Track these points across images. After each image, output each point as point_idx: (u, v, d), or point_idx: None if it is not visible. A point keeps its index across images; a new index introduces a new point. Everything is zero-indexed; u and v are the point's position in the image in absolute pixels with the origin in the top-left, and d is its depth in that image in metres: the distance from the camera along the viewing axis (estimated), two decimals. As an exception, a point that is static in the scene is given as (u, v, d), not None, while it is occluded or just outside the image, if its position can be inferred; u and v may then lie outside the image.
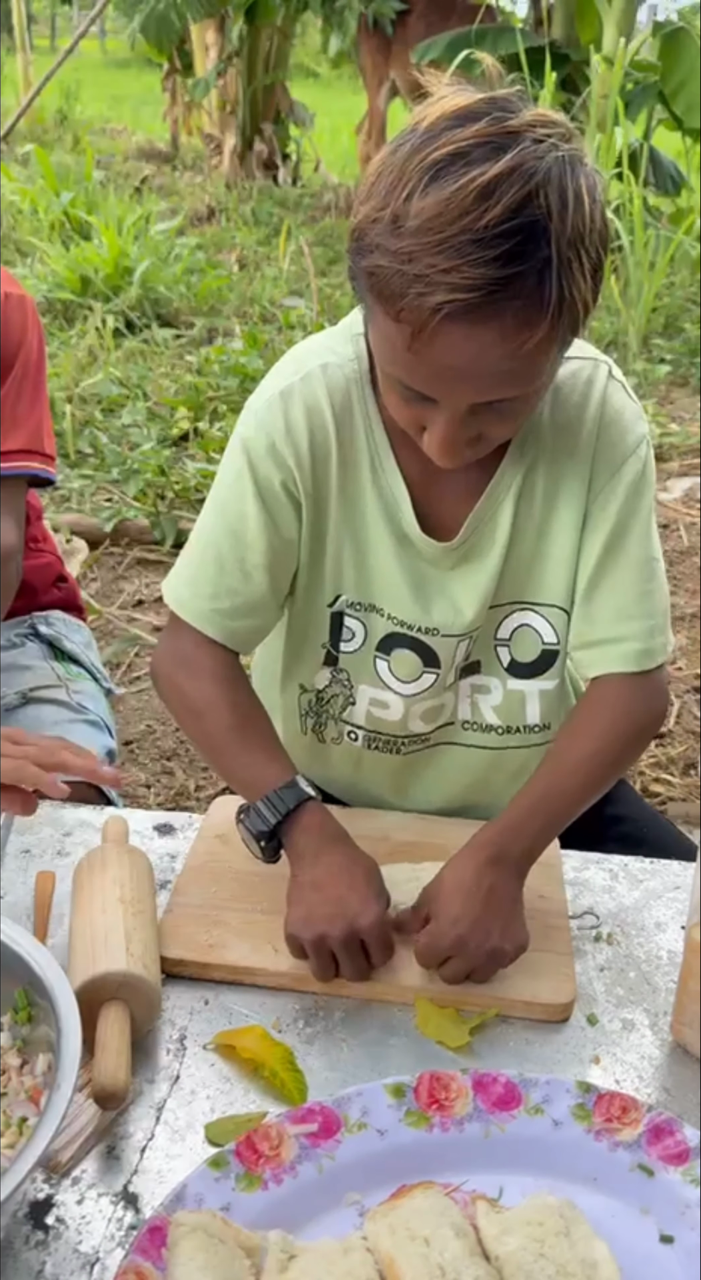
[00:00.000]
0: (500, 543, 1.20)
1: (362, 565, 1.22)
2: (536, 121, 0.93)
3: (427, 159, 0.91)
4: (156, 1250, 0.79)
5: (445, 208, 0.89)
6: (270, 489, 1.17)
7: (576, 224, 0.92)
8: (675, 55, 6.68)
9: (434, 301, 0.91)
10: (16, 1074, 0.89)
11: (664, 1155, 0.89)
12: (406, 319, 0.94)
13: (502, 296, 0.91)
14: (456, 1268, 0.78)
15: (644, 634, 1.20)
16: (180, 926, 1.11)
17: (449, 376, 0.97)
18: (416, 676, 1.25)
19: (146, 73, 15.46)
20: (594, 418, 1.17)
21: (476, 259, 0.89)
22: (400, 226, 0.91)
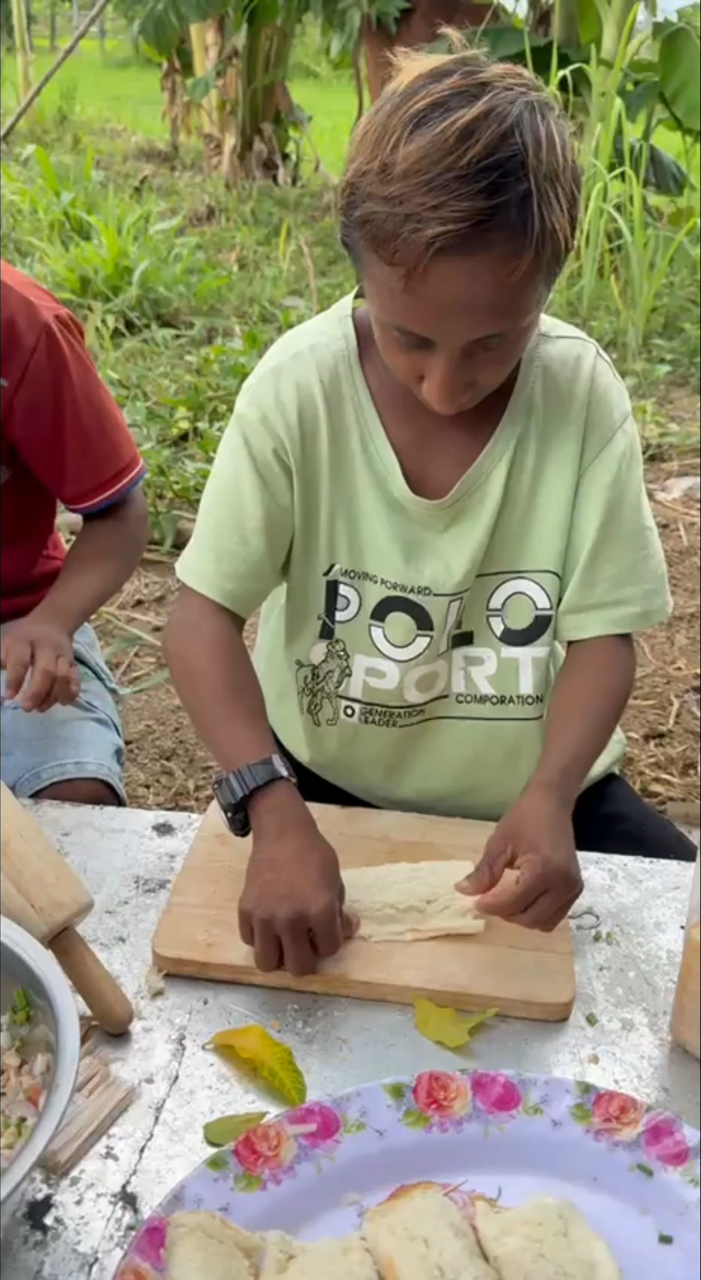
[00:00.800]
0: (490, 507, 1.24)
1: (355, 533, 1.27)
2: (505, 74, 1.01)
3: (409, 111, 0.99)
4: (155, 1251, 0.79)
5: (429, 149, 0.97)
6: (263, 458, 1.24)
7: (550, 161, 0.99)
8: (675, 56, 6.68)
9: (426, 236, 0.97)
10: (15, 1074, 0.89)
11: (663, 1155, 0.89)
12: (401, 259, 1.00)
13: (489, 226, 0.98)
14: (455, 1268, 0.78)
15: (641, 597, 1.28)
16: (179, 926, 1.11)
17: (444, 313, 1.03)
18: (410, 640, 1.28)
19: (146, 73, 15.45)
20: (584, 392, 1.23)
21: (462, 193, 0.96)
22: (389, 173, 0.99)
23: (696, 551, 3.78)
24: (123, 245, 6.24)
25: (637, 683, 3.05)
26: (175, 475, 4.04)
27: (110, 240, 6.23)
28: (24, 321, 1.48)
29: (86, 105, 13.59)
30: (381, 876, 1.17)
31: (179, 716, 2.88)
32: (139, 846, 1.25)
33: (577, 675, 1.28)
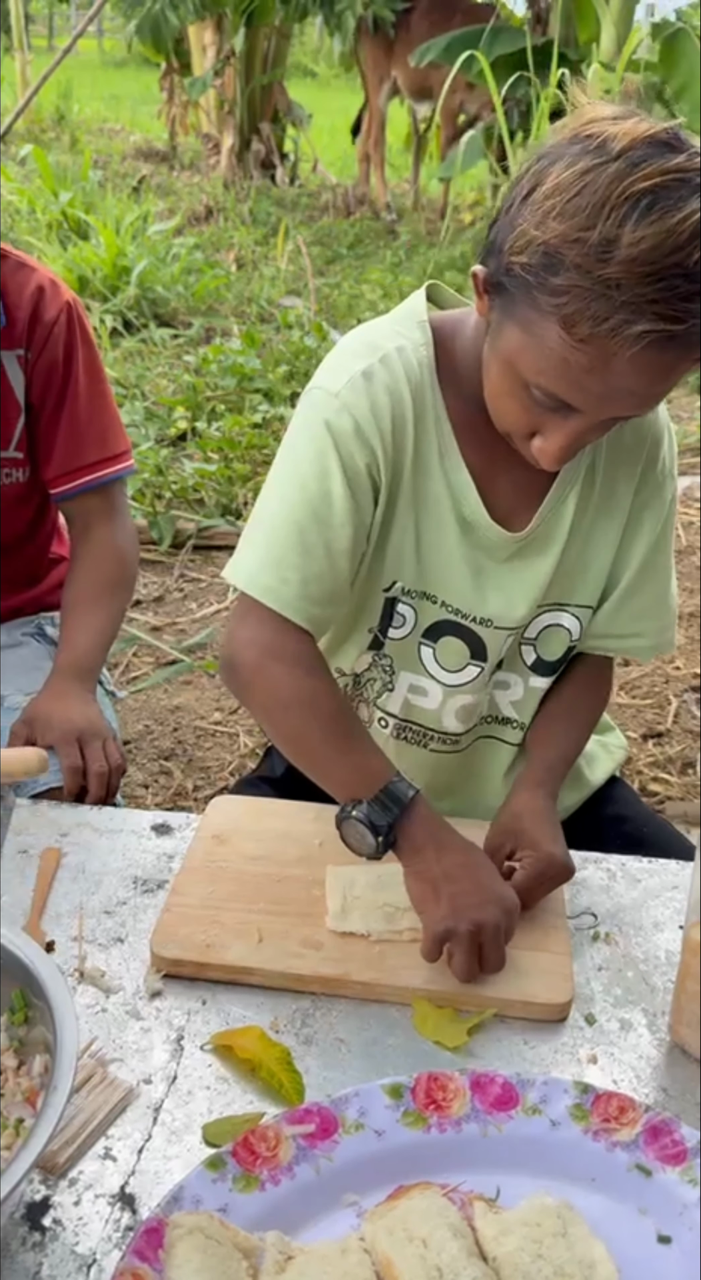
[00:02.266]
0: (558, 542, 1.24)
1: (423, 552, 1.23)
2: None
3: (635, 188, 0.93)
4: (153, 1251, 0.79)
5: (661, 241, 0.92)
6: (355, 471, 1.15)
7: None
8: (675, 57, 6.67)
9: (637, 330, 0.94)
10: (13, 1075, 0.89)
11: (661, 1155, 0.89)
12: (599, 342, 0.96)
13: (694, 327, 0.96)
14: (454, 1268, 0.78)
15: (656, 631, 1.32)
16: (178, 926, 1.11)
17: (613, 395, 1.01)
18: (462, 666, 1.28)
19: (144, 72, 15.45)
20: (645, 432, 1.24)
21: (683, 293, 0.93)
22: (609, 254, 0.93)
23: (694, 551, 3.79)
24: (121, 245, 6.24)
25: (636, 682, 3.05)
26: (173, 475, 4.03)
27: (108, 240, 6.23)
28: (50, 294, 1.55)
29: (84, 105, 13.59)
30: (383, 874, 1.17)
31: (177, 717, 2.88)
32: (137, 847, 1.25)
33: (570, 686, 1.34)
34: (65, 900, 1.17)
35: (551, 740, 1.29)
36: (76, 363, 1.58)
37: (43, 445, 1.60)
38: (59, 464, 1.60)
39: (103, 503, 1.64)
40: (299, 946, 1.10)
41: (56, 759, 1.41)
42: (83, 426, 1.59)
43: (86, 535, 1.64)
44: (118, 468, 1.64)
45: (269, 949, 1.09)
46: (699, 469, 4.40)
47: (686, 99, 6.61)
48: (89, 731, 1.43)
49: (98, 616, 1.59)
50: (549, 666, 1.31)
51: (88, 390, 1.60)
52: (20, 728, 1.45)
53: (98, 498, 1.63)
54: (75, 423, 1.59)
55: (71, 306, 1.58)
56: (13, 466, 1.60)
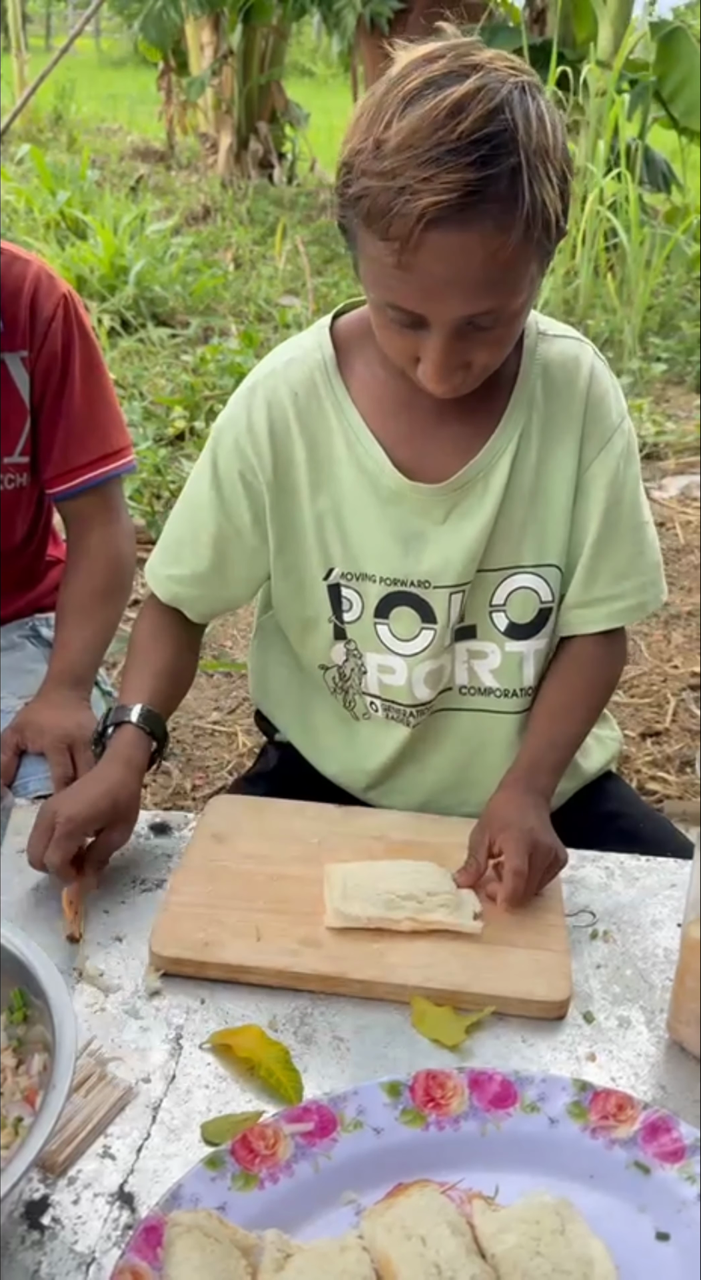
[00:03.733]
0: (493, 498, 1.25)
1: (346, 535, 1.28)
2: (495, 57, 1.04)
3: (402, 90, 1.01)
4: (152, 1250, 0.79)
5: (420, 124, 0.99)
6: (228, 477, 1.29)
7: (540, 138, 1.02)
8: (672, 55, 6.68)
9: (418, 207, 0.99)
10: (12, 1074, 0.89)
11: (660, 1153, 0.89)
12: (394, 233, 1.02)
13: (479, 199, 1.00)
14: (452, 1266, 0.78)
15: (636, 590, 1.32)
16: (176, 925, 1.11)
17: (437, 287, 1.05)
18: (415, 634, 1.30)
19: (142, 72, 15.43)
20: (583, 392, 1.26)
21: (453, 165, 0.98)
22: (382, 149, 1.01)
23: (693, 550, 3.79)
24: (118, 245, 6.24)
25: (634, 681, 3.05)
26: (171, 475, 4.03)
27: (106, 240, 6.23)
28: (46, 287, 1.53)
29: (82, 105, 13.57)
30: (385, 868, 1.18)
31: (175, 716, 2.87)
32: (136, 846, 1.25)
33: (560, 673, 1.34)
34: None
35: (536, 733, 1.31)
36: (74, 357, 1.55)
37: (42, 445, 1.58)
38: (57, 463, 1.57)
39: (100, 503, 1.61)
40: (297, 945, 1.10)
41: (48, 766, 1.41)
42: (81, 423, 1.57)
43: (83, 538, 1.62)
44: (117, 465, 1.61)
45: (267, 948, 1.09)
46: (699, 468, 4.40)
47: (682, 97, 6.62)
48: (81, 739, 1.41)
49: (92, 623, 1.57)
50: (523, 630, 1.31)
51: (85, 385, 1.57)
52: (10, 735, 1.44)
53: (95, 498, 1.60)
54: (73, 420, 1.56)
55: (68, 299, 1.55)
56: (16, 472, 1.57)
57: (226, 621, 3.31)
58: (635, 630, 3.29)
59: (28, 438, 1.56)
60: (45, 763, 1.41)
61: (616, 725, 1.54)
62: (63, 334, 1.54)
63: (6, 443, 1.54)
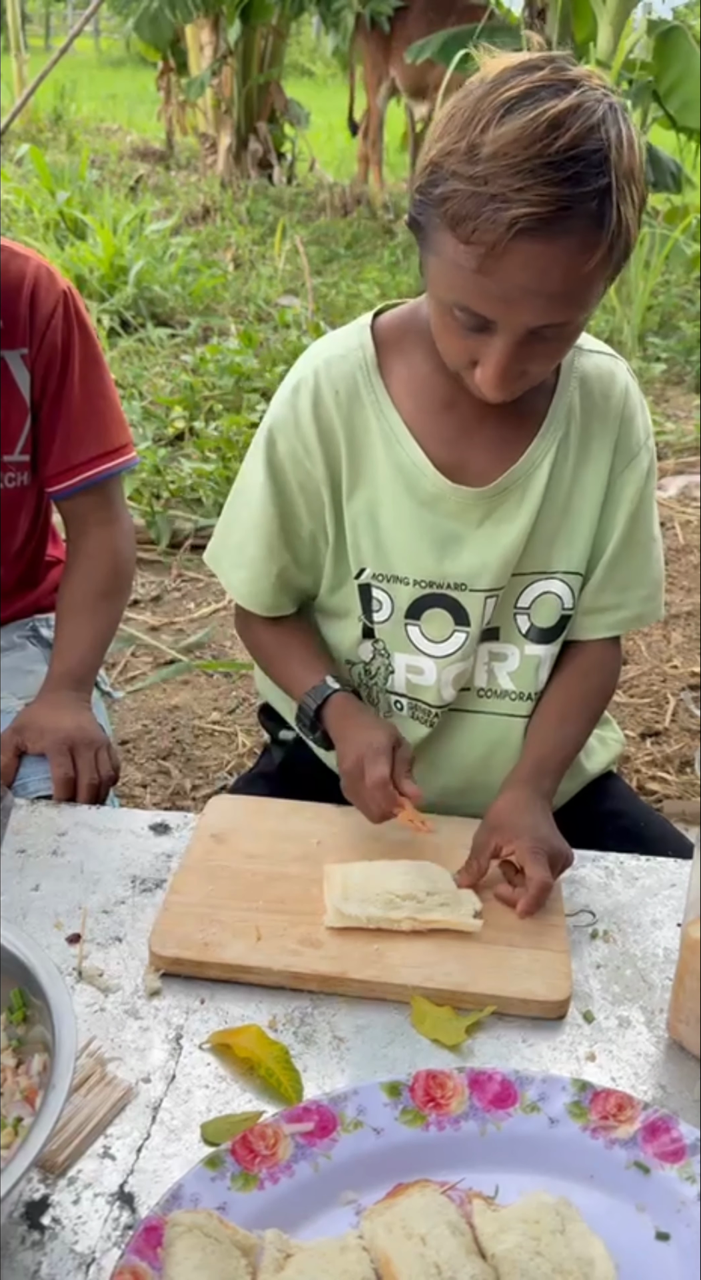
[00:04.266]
0: (531, 503, 1.27)
1: (380, 537, 1.30)
2: (590, 74, 1.06)
3: (500, 97, 1.02)
4: (152, 1250, 0.79)
5: (520, 134, 0.99)
6: (285, 483, 1.30)
7: (629, 160, 1.03)
8: (670, 54, 6.67)
9: (509, 216, 1.00)
10: (12, 1074, 0.89)
11: (660, 1152, 0.89)
12: (479, 237, 1.02)
13: (569, 215, 1.01)
14: (452, 1266, 0.78)
15: (638, 602, 1.35)
16: (176, 925, 1.11)
17: (514, 295, 1.06)
18: (447, 635, 1.31)
19: (141, 72, 15.45)
20: (618, 407, 1.29)
21: (548, 179, 0.99)
22: (476, 154, 1.01)
23: (692, 550, 3.79)
24: (118, 244, 6.25)
25: (634, 681, 3.05)
26: (171, 474, 4.03)
27: (105, 239, 6.23)
28: (46, 284, 1.53)
29: (81, 104, 13.58)
30: (386, 868, 1.18)
31: (175, 716, 2.88)
32: (136, 846, 1.25)
33: (566, 677, 1.36)
34: (63, 900, 1.17)
35: (541, 736, 1.32)
36: (74, 354, 1.55)
37: (42, 443, 1.57)
38: (57, 461, 1.57)
39: (99, 502, 1.61)
40: (297, 945, 1.10)
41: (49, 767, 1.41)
42: (80, 420, 1.56)
43: (82, 538, 1.62)
44: (117, 462, 1.60)
45: (267, 947, 1.09)
46: (698, 468, 4.40)
47: (679, 93, 6.61)
48: (82, 740, 1.42)
49: (92, 624, 1.57)
50: (544, 634, 1.33)
51: (86, 382, 1.56)
52: (11, 736, 1.44)
53: (95, 497, 1.60)
54: (73, 417, 1.56)
55: (68, 295, 1.55)
56: (17, 470, 1.57)
57: (226, 621, 3.31)
58: (634, 630, 3.29)
59: (28, 436, 1.56)
60: (46, 763, 1.41)
61: (617, 726, 1.54)
62: (63, 330, 1.53)
63: (7, 441, 1.54)
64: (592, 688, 1.37)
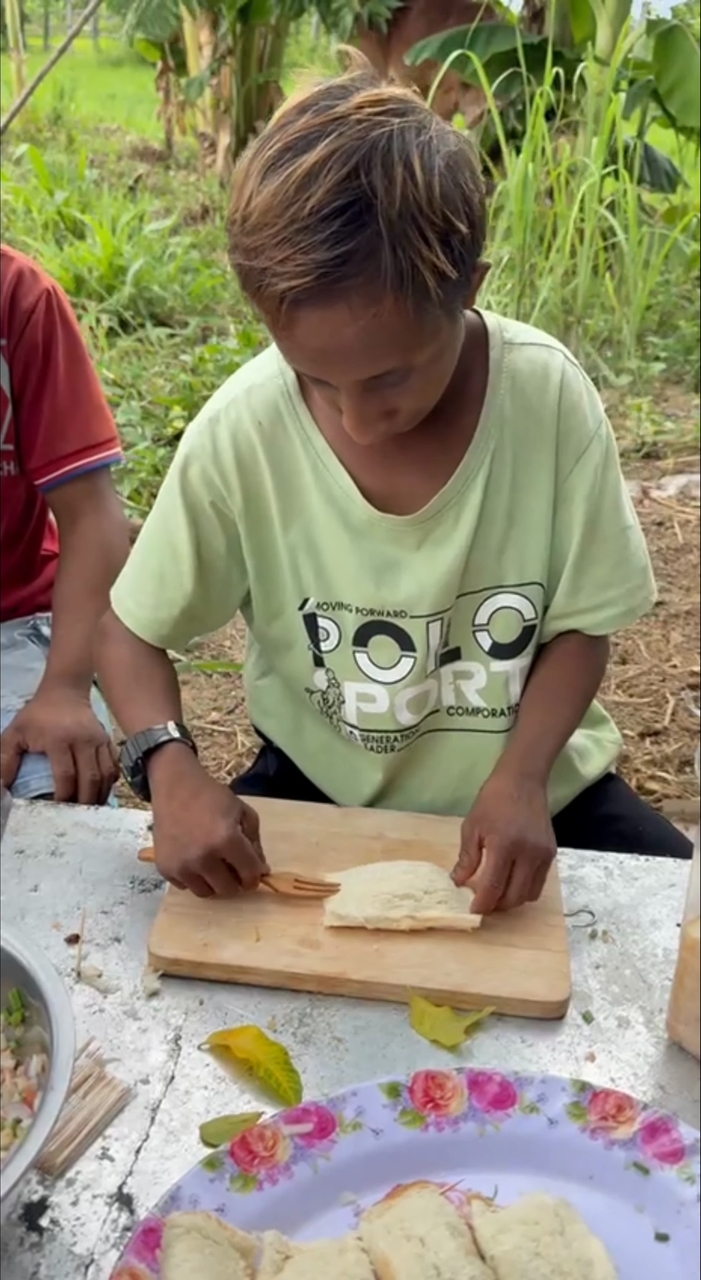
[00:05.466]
0: (467, 526, 1.21)
1: (320, 565, 1.25)
2: (364, 102, 0.95)
3: (263, 156, 0.96)
4: (151, 1251, 0.79)
5: (273, 200, 0.94)
6: (201, 507, 1.24)
7: (409, 194, 0.93)
8: (669, 53, 6.67)
9: (278, 290, 0.96)
10: (10, 1075, 0.89)
11: (659, 1153, 0.89)
12: (265, 309, 1.00)
13: (338, 277, 0.94)
14: (451, 1267, 0.78)
15: (624, 597, 1.29)
16: (175, 926, 1.11)
17: (318, 358, 1.02)
18: (395, 662, 1.27)
19: (140, 72, 15.43)
20: (554, 403, 1.20)
21: (305, 245, 0.93)
22: (246, 224, 0.97)
23: (692, 549, 3.79)
24: (117, 244, 6.24)
25: (633, 680, 3.05)
26: (170, 475, 4.03)
27: (104, 239, 6.23)
28: (28, 282, 1.55)
29: (80, 104, 13.57)
30: (383, 869, 1.17)
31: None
32: (135, 846, 1.25)
33: (550, 661, 1.32)
34: (62, 900, 1.17)
35: (527, 722, 1.29)
36: (56, 350, 1.56)
37: (25, 434, 1.59)
38: (42, 453, 1.59)
39: (88, 492, 1.62)
40: (296, 945, 1.10)
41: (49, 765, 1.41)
42: (64, 414, 1.58)
43: (73, 529, 1.63)
44: (102, 455, 1.61)
45: (266, 948, 1.09)
46: (698, 468, 4.40)
47: (679, 93, 6.61)
48: (82, 738, 1.42)
49: (88, 618, 1.54)
50: (507, 650, 1.29)
51: (68, 378, 1.58)
52: (12, 734, 1.44)
53: (82, 487, 1.61)
54: (56, 410, 1.58)
55: (51, 293, 1.56)
56: (3, 459, 1.59)
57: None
58: (634, 629, 3.29)
59: (10, 425, 1.58)
60: (47, 762, 1.41)
61: (615, 728, 1.54)
62: (44, 326, 1.55)
63: None
64: (578, 670, 1.32)
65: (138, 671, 1.30)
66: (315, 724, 1.39)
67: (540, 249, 5.72)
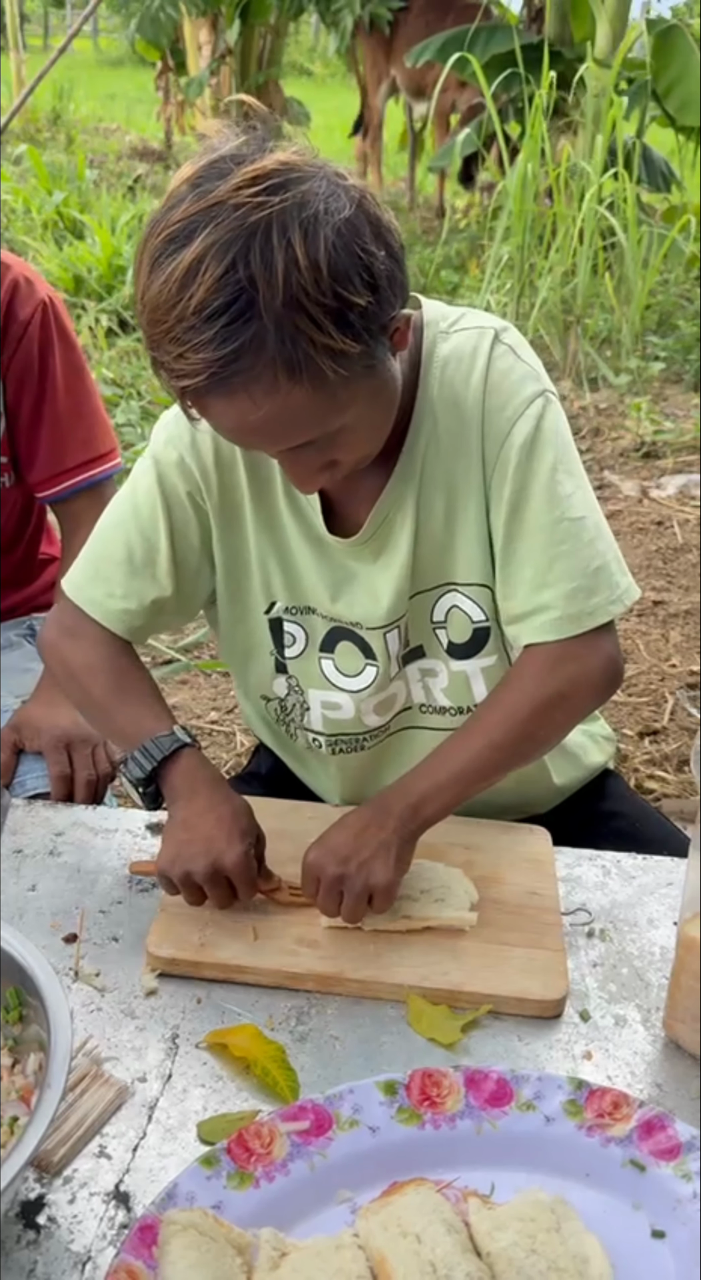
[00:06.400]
0: (407, 532, 1.18)
1: (289, 570, 1.24)
2: (242, 184, 0.91)
3: (151, 246, 0.94)
4: (147, 1249, 0.79)
5: (159, 299, 0.93)
6: (176, 498, 1.21)
7: (293, 281, 0.90)
8: (668, 53, 6.66)
9: (178, 386, 0.97)
10: (8, 1073, 0.89)
11: (655, 1151, 0.89)
12: (175, 392, 0.99)
13: (230, 374, 0.93)
14: (448, 1264, 0.78)
15: (562, 600, 1.14)
16: (172, 926, 1.11)
17: (235, 437, 1.03)
18: (360, 670, 1.26)
19: (140, 72, 15.42)
20: (478, 385, 1.13)
21: (194, 344, 0.92)
22: (143, 315, 0.96)
23: (691, 549, 3.79)
24: (116, 244, 6.24)
25: (632, 680, 3.05)
26: (170, 474, 4.03)
27: (103, 239, 6.23)
28: (24, 294, 1.52)
29: (80, 104, 13.57)
30: None
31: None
32: (133, 846, 1.25)
33: (494, 690, 1.22)
34: (60, 899, 1.17)
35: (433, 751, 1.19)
36: (53, 363, 1.54)
37: (24, 449, 1.57)
38: (43, 468, 1.58)
39: (92, 503, 1.59)
40: (293, 944, 1.10)
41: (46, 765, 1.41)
42: (65, 428, 1.56)
43: (76, 536, 1.59)
44: (104, 468, 1.61)
45: (263, 947, 1.09)
46: (698, 468, 4.40)
47: (678, 92, 6.61)
48: (78, 738, 1.42)
49: None
50: (462, 649, 1.25)
51: (68, 391, 1.56)
52: (8, 734, 1.45)
53: (86, 498, 1.60)
54: (57, 425, 1.56)
55: (47, 305, 1.54)
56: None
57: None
58: (634, 629, 3.29)
59: (4, 438, 1.56)
60: (43, 762, 1.41)
61: (606, 724, 1.53)
62: (40, 340, 1.53)
63: None
64: (520, 697, 1.16)
65: (120, 674, 1.25)
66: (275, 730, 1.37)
67: (539, 249, 5.72)
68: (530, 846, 1.25)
